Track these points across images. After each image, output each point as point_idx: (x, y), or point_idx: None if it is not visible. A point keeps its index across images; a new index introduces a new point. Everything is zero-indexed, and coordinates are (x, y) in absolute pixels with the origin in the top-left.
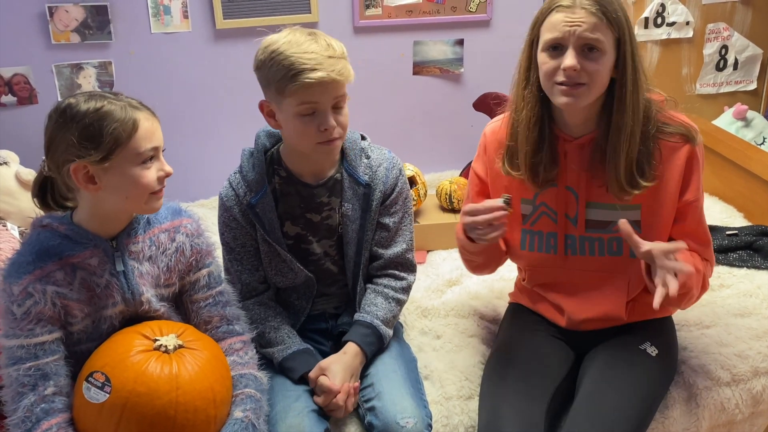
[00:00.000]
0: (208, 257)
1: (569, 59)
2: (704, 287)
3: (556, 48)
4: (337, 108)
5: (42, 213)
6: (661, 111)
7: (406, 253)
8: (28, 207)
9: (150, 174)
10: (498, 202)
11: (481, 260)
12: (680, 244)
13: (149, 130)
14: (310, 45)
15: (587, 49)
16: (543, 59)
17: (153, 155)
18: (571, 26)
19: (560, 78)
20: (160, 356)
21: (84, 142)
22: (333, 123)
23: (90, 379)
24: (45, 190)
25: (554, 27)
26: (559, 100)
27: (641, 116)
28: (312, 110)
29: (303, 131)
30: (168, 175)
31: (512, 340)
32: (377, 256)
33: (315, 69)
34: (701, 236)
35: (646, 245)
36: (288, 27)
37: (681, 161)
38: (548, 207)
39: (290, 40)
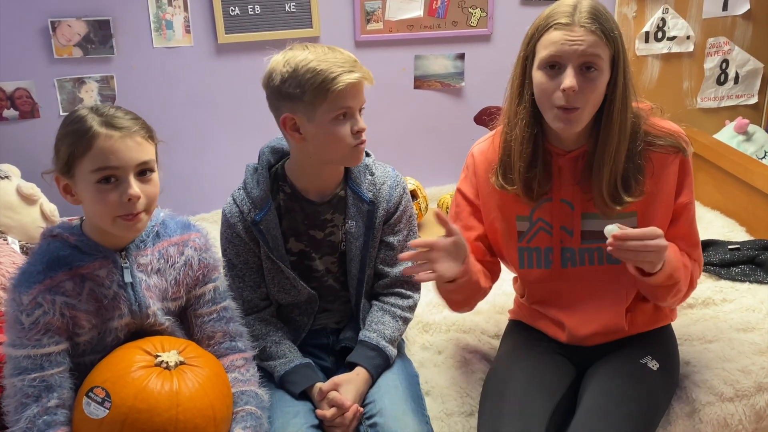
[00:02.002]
0: (215, 272)
1: (569, 79)
2: (692, 285)
3: (554, 66)
4: (360, 112)
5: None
6: (647, 121)
7: None
8: (29, 221)
9: (109, 196)
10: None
11: (460, 297)
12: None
13: (106, 150)
14: (335, 54)
15: (585, 68)
16: (539, 78)
17: (115, 175)
18: (571, 45)
19: (559, 102)
20: (161, 372)
21: (54, 153)
22: (363, 125)
23: (90, 394)
24: None
25: (553, 45)
26: (555, 124)
27: (628, 132)
28: (347, 112)
29: (339, 136)
30: (131, 198)
31: (512, 356)
32: (383, 274)
33: (351, 71)
34: (692, 238)
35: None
36: (291, 45)
37: (674, 170)
38: (545, 222)
39: (312, 52)
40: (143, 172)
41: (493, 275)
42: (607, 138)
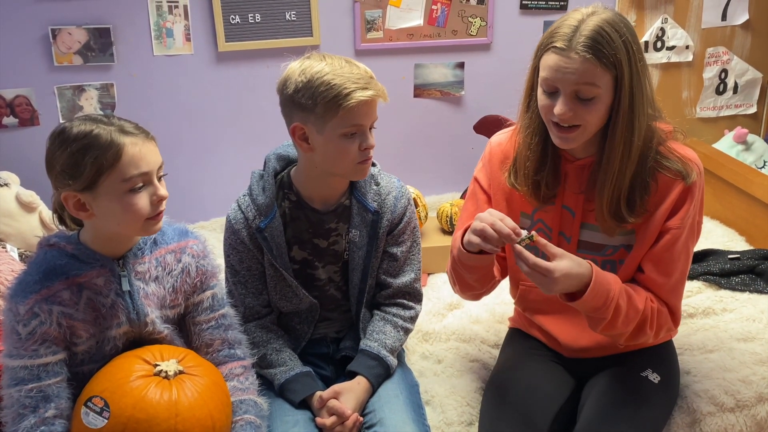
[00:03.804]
0: (213, 279)
1: (559, 107)
2: (641, 330)
3: (551, 90)
4: (371, 129)
5: (54, 231)
6: (664, 143)
7: (414, 283)
8: (28, 229)
9: (141, 200)
10: (521, 232)
11: (473, 278)
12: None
13: (136, 156)
14: (352, 68)
15: (579, 95)
16: (540, 94)
17: (144, 181)
18: (564, 73)
19: (555, 118)
20: (160, 382)
21: (67, 171)
22: (373, 142)
23: (89, 403)
24: (63, 208)
25: (549, 68)
26: (554, 139)
27: (636, 154)
28: (357, 130)
29: (346, 151)
30: (162, 199)
31: (511, 366)
32: (386, 284)
33: (365, 88)
34: (666, 265)
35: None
36: (309, 54)
37: (674, 195)
38: (544, 224)
39: (329, 63)
40: (159, 173)
41: (503, 270)
42: (609, 158)
